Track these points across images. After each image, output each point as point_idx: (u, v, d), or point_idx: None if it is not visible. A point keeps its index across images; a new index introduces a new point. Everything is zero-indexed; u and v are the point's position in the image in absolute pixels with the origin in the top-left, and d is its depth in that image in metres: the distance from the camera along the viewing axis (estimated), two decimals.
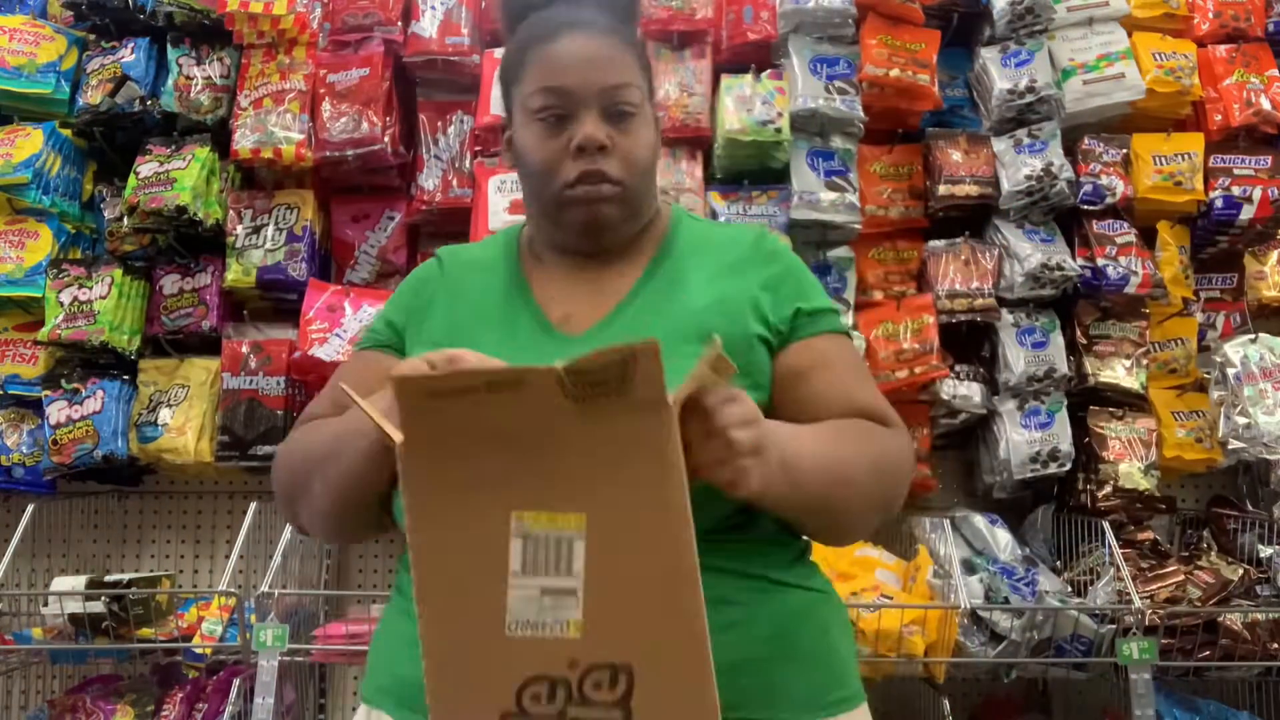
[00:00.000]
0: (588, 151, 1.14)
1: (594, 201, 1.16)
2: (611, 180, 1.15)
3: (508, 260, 1.26)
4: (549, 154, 1.16)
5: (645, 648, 0.84)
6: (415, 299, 1.26)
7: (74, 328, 2.47)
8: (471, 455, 0.85)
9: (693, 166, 2.51)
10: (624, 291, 1.19)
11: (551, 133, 1.16)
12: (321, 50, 2.60)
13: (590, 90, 1.15)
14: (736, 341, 1.09)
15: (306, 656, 2.22)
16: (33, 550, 2.53)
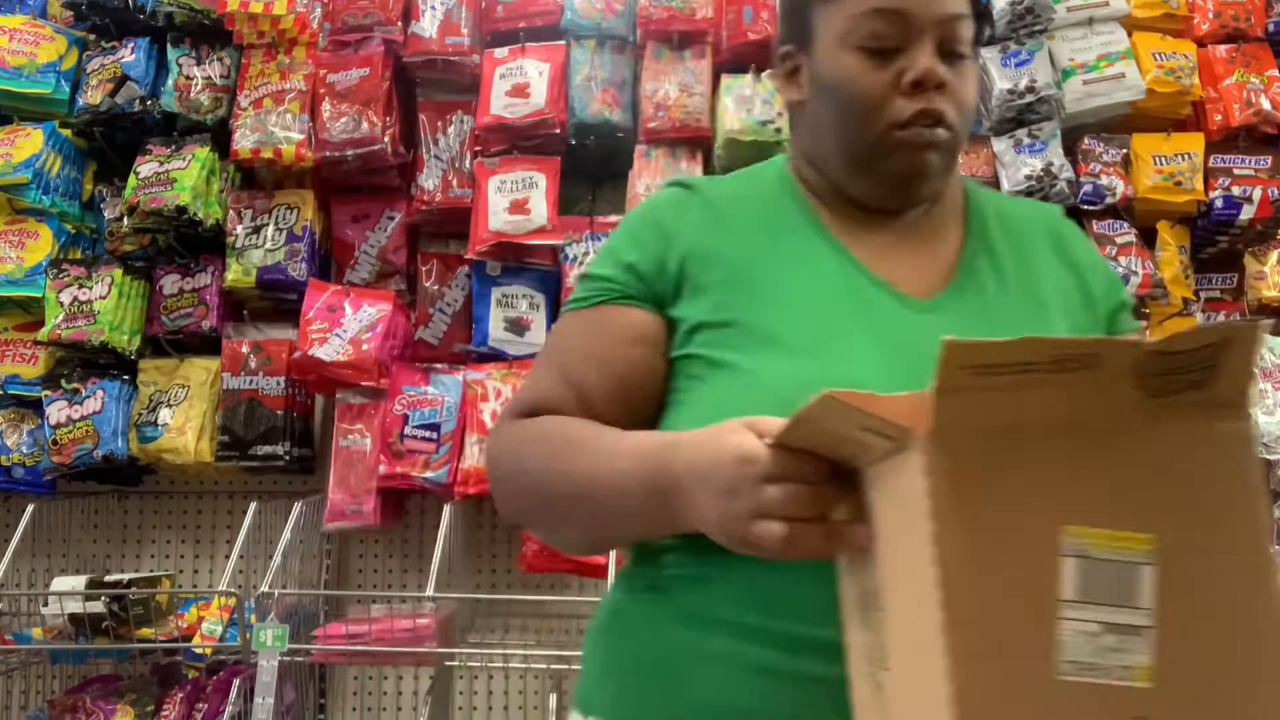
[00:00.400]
0: (925, 88, 0.98)
1: (924, 147, 0.99)
2: (946, 124, 0.99)
3: (792, 202, 1.07)
4: (876, 88, 0.99)
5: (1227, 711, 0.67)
6: (667, 234, 1.05)
7: (74, 328, 2.47)
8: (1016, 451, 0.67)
9: (693, 166, 2.51)
10: (950, 257, 1.05)
11: (878, 64, 0.99)
12: (321, 50, 2.61)
13: (930, 19, 0.98)
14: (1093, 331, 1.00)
15: (306, 657, 2.22)
16: (33, 550, 2.53)
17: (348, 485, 2.41)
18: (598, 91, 2.55)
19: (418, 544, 2.63)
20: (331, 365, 2.40)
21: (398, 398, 2.43)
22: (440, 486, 2.38)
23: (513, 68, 2.55)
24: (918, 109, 0.98)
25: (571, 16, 2.59)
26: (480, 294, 2.52)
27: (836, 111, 1.02)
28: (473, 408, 2.40)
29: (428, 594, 2.15)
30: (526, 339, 2.49)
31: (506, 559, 2.62)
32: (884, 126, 0.99)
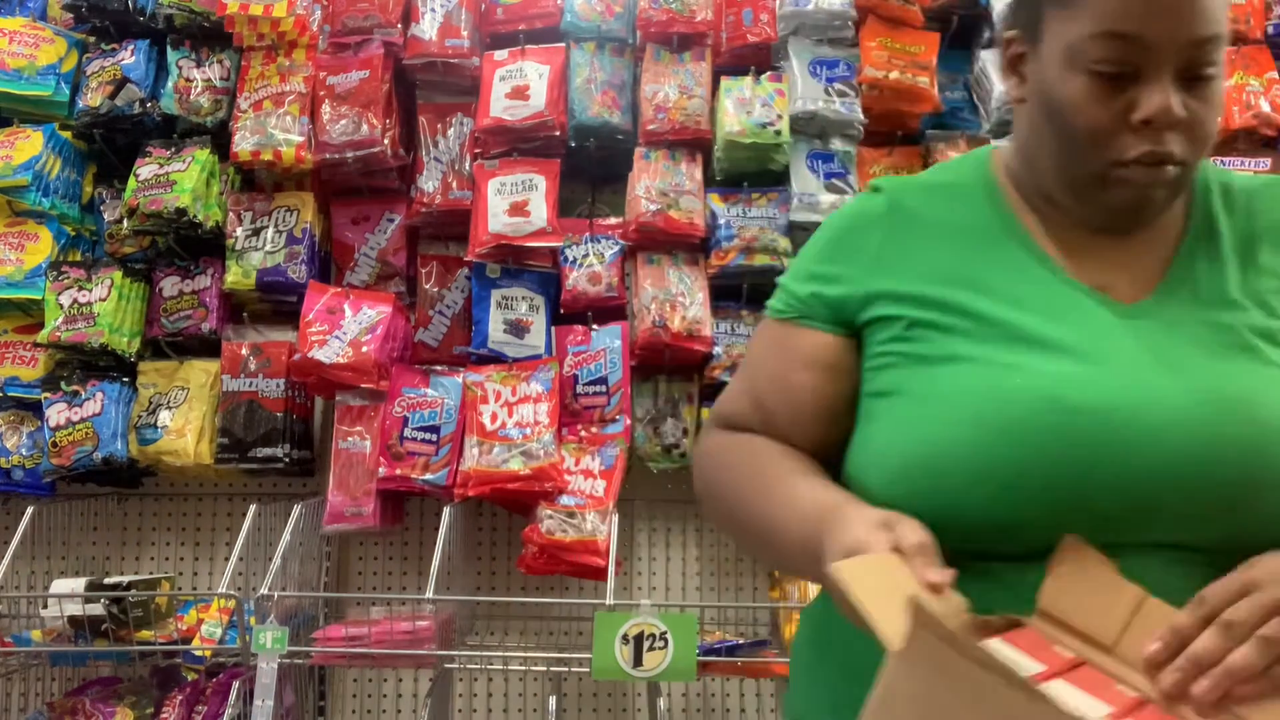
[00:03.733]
0: (1157, 127, 0.89)
1: (1149, 185, 0.92)
2: (1176, 161, 0.91)
3: (991, 203, 1.02)
4: (1102, 120, 0.90)
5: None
6: (857, 254, 1.03)
7: (74, 330, 2.47)
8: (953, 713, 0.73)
9: (692, 168, 2.51)
10: (1165, 252, 0.98)
11: (1108, 91, 0.90)
12: (321, 52, 2.61)
13: (1172, 45, 0.88)
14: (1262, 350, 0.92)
15: (306, 659, 2.22)
16: (32, 552, 2.53)
17: (347, 487, 2.41)
18: (597, 94, 2.55)
19: (417, 546, 2.63)
20: (331, 367, 2.40)
21: (397, 400, 2.43)
22: (440, 488, 2.38)
23: (512, 70, 2.55)
24: (1144, 150, 0.90)
25: (571, 19, 2.59)
26: (480, 296, 2.52)
27: (1056, 132, 0.95)
28: (472, 410, 2.40)
29: (427, 596, 2.15)
30: (526, 341, 2.49)
31: (506, 561, 2.62)
32: (1107, 161, 0.92)
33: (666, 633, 1.96)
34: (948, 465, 0.89)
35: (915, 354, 0.97)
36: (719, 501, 1.08)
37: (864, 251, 1.03)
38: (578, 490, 2.34)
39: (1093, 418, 0.86)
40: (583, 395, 2.46)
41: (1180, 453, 0.85)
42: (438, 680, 2.33)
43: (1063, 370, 0.89)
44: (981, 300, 0.95)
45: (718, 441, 1.09)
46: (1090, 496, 0.86)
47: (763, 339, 1.10)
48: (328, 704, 2.59)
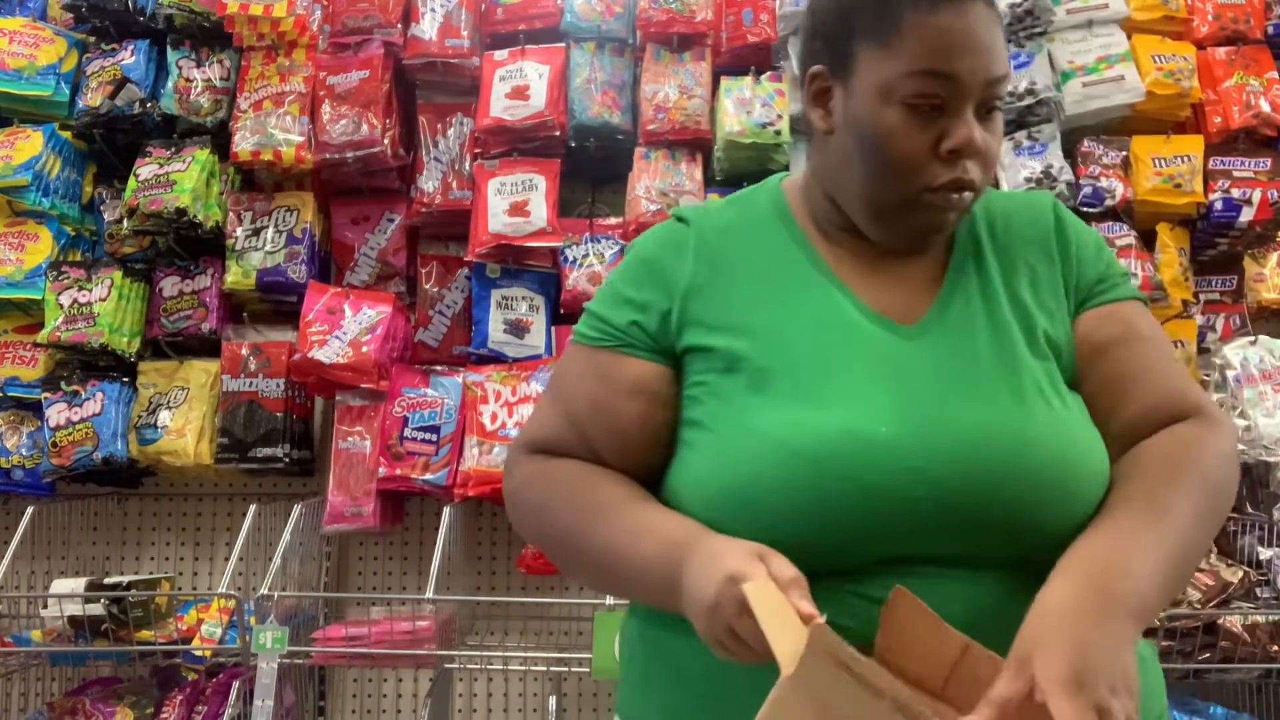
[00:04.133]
0: (962, 156, 0.97)
1: (949, 209, 1.00)
2: (974, 188, 0.99)
3: (787, 230, 1.08)
4: (914, 149, 0.97)
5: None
6: (671, 283, 1.06)
7: (74, 330, 2.47)
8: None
9: (692, 168, 2.51)
10: (936, 270, 1.06)
11: (919, 123, 0.97)
12: (321, 52, 2.61)
13: (977, 82, 0.97)
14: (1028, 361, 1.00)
15: (306, 659, 2.22)
16: (32, 552, 2.53)
17: (347, 487, 2.41)
18: (597, 94, 2.55)
19: (417, 546, 2.63)
20: (331, 367, 2.40)
21: (397, 400, 2.43)
22: (440, 489, 2.38)
23: (512, 70, 2.55)
24: (952, 177, 0.98)
25: (571, 19, 2.59)
26: (480, 296, 2.52)
27: (868, 161, 1.00)
28: (472, 410, 2.40)
29: (427, 596, 2.15)
30: (526, 341, 2.49)
31: (506, 561, 2.62)
32: (917, 188, 0.98)
33: None
34: (759, 494, 0.94)
35: (729, 388, 1.00)
36: (546, 528, 1.06)
37: (678, 280, 1.05)
38: None
39: (882, 450, 0.93)
40: None
41: (955, 481, 0.92)
42: (438, 680, 2.33)
43: (856, 406, 0.95)
44: (787, 335, 1.00)
45: (538, 468, 1.07)
46: (881, 520, 0.92)
47: (577, 366, 1.10)
48: (328, 704, 2.60)
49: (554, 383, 1.13)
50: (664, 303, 1.05)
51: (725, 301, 1.04)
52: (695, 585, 0.88)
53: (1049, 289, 1.05)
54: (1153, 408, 1.01)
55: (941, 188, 0.98)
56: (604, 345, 1.07)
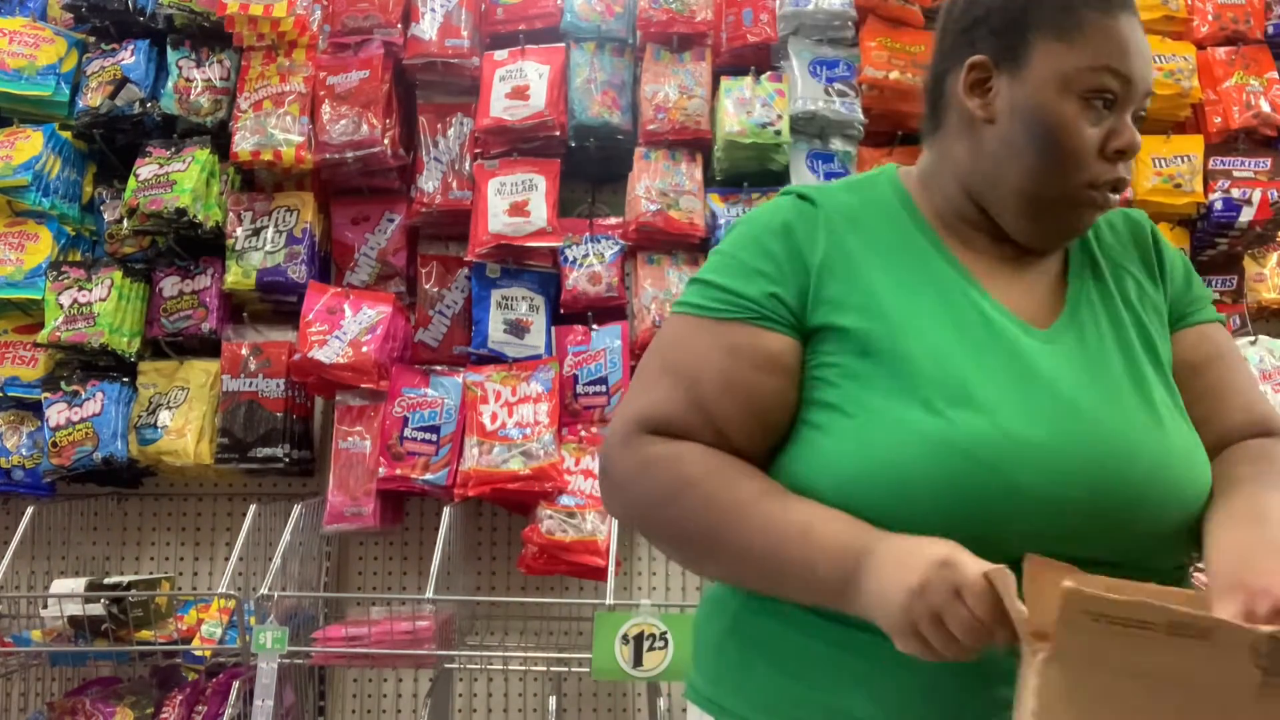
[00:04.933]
0: (1126, 158, 1.02)
1: (1100, 208, 1.03)
2: (1121, 191, 1.04)
3: (913, 221, 1.08)
4: (1085, 144, 1.00)
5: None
6: (804, 258, 1.03)
7: (74, 330, 2.47)
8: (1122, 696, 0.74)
9: (692, 168, 2.51)
10: (1056, 274, 1.08)
11: (1092, 120, 1.00)
12: (321, 53, 2.61)
13: (1142, 88, 1.02)
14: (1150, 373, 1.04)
15: (306, 659, 2.22)
16: (32, 552, 2.53)
17: (347, 487, 2.41)
18: (597, 94, 2.55)
19: (417, 546, 2.63)
20: (331, 367, 2.40)
21: (397, 400, 2.43)
22: (440, 489, 2.38)
23: (512, 70, 2.55)
24: (1114, 176, 1.01)
25: (571, 19, 2.59)
26: (480, 296, 2.52)
27: (1038, 150, 1.01)
28: (472, 410, 2.40)
29: (427, 596, 2.15)
30: (526, 341, 2.49)
31: (506, 561, 2.62)
32: (1080, 182, 1.01)
33: (666, 633, 1.96)
34: (908, 486, 0.93)
35: (867, 373, 0.99)
36: (676, 522, 1.00)
37: (813, 256, 1.03)
38: (578, 490, 2.34)
39: (1037, 453, 0.93)
40: (583, 395, 2.46)
41: (1103, 488, 0.94)
42: (438, 680, 2.33)
43: (1008, 406, 0.95)
44: (928, 328, 1.00)
45: (662, 453, 1.00)
46: (1028, 521, 0.93)
47: (700, 341, 1.03)
48: (328, 704, 2.60)
49: (665, 357, 1.05)
50: (800, 277, 1.02)
51: (858, 284, 1.02)
52: (890, 576, 0.86)
53: (1152, 305, 1.09)
54: (1242, 425, 1.06)
55: (1102, 185, 1.01)
56: (734, 317, 1.02)
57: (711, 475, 0.98)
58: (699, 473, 0.98)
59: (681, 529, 1.00)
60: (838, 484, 0.97)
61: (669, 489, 0.99)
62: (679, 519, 0.99)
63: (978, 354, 0.98)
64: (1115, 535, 0.95)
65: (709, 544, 0.98)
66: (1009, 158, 1.02)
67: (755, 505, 0.96)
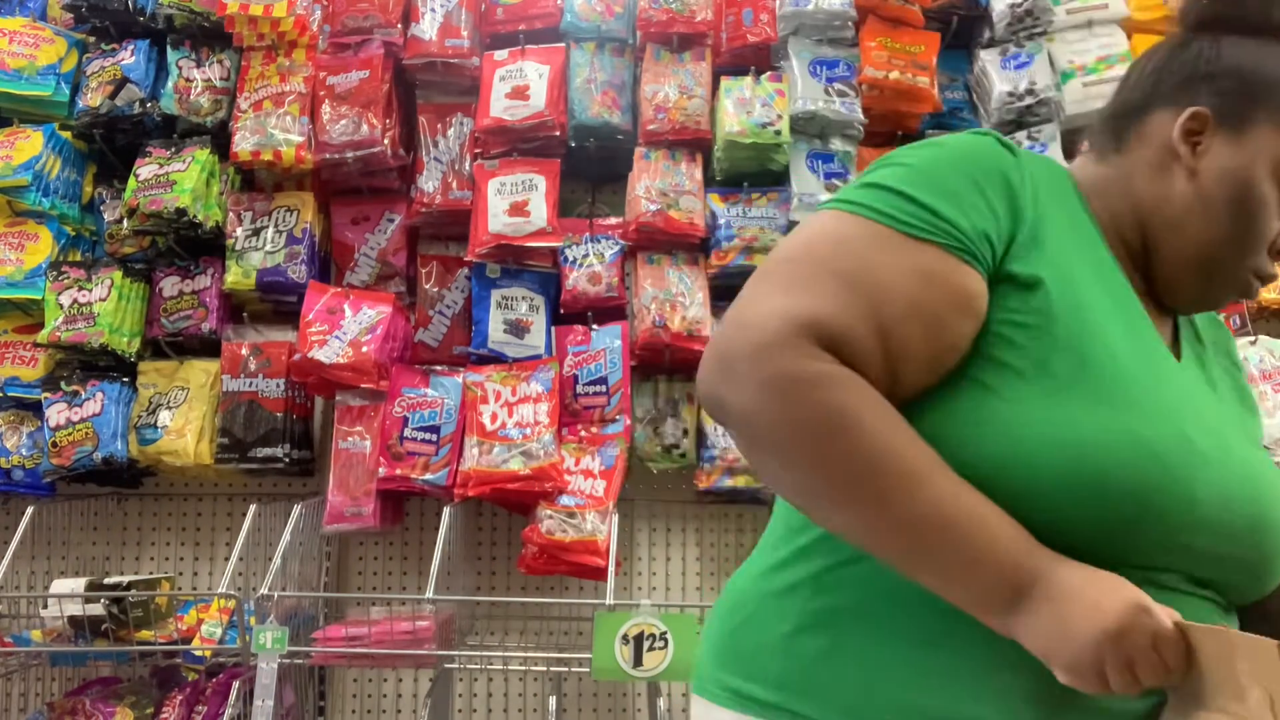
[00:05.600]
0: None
1: (1246, 295, 1.06)
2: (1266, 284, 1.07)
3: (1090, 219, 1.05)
4: (1268, 232, 1.01)
5: None
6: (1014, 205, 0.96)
7: (74, 330, 2.47)
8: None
9: (692, 168, 2.51)
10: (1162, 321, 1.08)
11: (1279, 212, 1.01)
12: (321, 53, 2.61)
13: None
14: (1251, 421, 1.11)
15: (306, 659, 2.22)
16: (32, 552, 2.53)
17: (347, 487, 2.41)
18: (597, 94, 2.55)
19: (417, 546, 2.63)
20: (331, 367, 2.40)
21: (397, 400, 2.43)
22: (440, 489, 2.38)
23: (512, 70, 2.55)
24: (1272, 272, 1.04)
25: (571, 19, 2.59)
26: (480, 296, 2.52)
27: (1230, 220, 1.00)
28: (472, 410, 2.40)
29: (427, 596, 2.15)
30: (526, 341, 2.49)
31: (506, 561, 2.62)
32: (1249, 265, 1.02)
33: (666, 633, 1.96)
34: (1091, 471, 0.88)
35: (1054, 345, 0.91)
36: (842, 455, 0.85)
37: (1026, 208, 0.96)
38: (578, 490, 2.34)
39: (1209, 471, 0.93)
40: (583, 395, 2.46)
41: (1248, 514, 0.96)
42: (438, 680, 2.33)
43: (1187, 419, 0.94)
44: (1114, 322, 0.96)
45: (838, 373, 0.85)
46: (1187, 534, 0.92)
47: (888, 255, 0.89)
48: (328, 704, 2.60)
49: (837, 260, 0.89)
50: (1011, 223, 0.94)
51: (1056, 252, 0.95)
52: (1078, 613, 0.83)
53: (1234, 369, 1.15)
54: None
55: (1263, 276, 1.04)
56: (936, 241, 0.90)
57: (889, 426, 0.86)
58: (875, 416, 0.85)
59: (839, 468, 0.85)
60: (1013, 454, 0.88)
61: (838, 419, 0.84)
62: (840, 457, 0.85)
63: (1154, 363, 0.98)
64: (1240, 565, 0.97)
65: (866, 497, 0.85)
66: (1201, 215, 1.01)
67: (931, 476, 0.86)
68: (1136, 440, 0.89)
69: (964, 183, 0.93)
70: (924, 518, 0.85)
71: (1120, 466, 0.88)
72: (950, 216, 0.91)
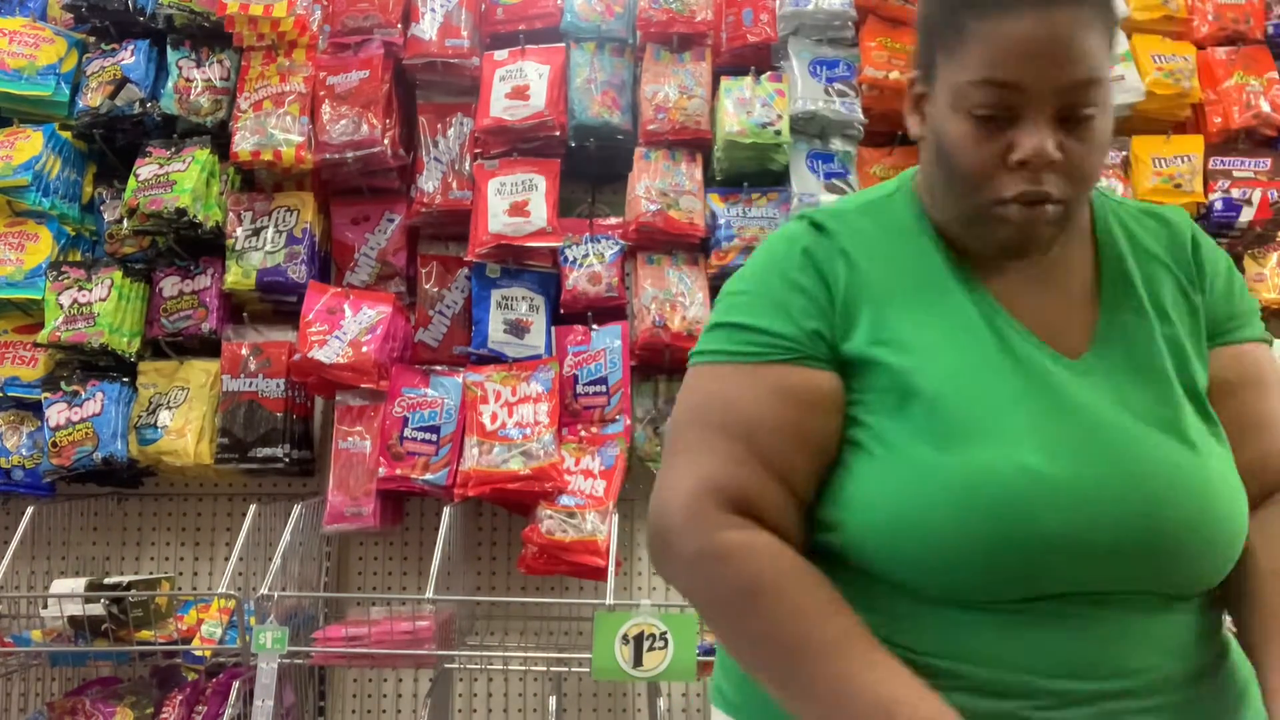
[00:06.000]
0: (1033, 168, 0.92)
1: (1029, 223, 0.94)
2: (1055, 200, 0.94)
3: (931, 241, 1.02)
4: (980, 161, 0.94)
5: None
6: (825, 291, 0.99)
7: (74, 330, 2.47)
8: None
9: (692, 169, 2.51)
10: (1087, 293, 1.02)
11: (987, 134, 0.93)
12: (321, 53, 2.61)
13: (1047, 89, 0.91)
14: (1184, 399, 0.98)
15: (306, 659, 2.22)
16: (32, 552, 2.53)
17: (347, 487, 2.40)
18: (597, 94, 2.55)
19: (417, 546, 2.63)
20: (331, 367, 2.40)
21: (397, 400, 2.43)
22: (440, 489, 2.38)
23: (512, 70, 2.55)
24: (1020, 190, 0.93)
25: (571, 19, 2.59)
26: (480, 296, 2.52)
27: (943, 171, 0.98)
28: (472, 410, 2.40)
29: (427, 596, 2.15)
30: (526, 341, 2.49)
31: (506, 561, 2.62)
32: (987, 200, 0.95)
33: (666, 633, 1.96)
34: (930, 533, 0.91)
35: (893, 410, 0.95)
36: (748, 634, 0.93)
37: (835, 287, 0.99)
38: (578, 490, 2.34)
39: (1061, 494, 0.90)
40: (583, 395, 2.46)
41: (1135, 527, 0.91)
42: (438, 680, 2.33)
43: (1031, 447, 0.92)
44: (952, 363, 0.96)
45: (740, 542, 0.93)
46: (1052, 563, 0.90)
47: (745, 391, 0.97)
48: (328, 704, 2.60)
49: (714, 414, 0.98)
50: (829, 308, 0.98)
51: (879, 316, 0.97)
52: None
53: (1190, 316, 1.03)
54: (1265, 456, 1.00)
55: (1012, 200, 0.93)
56: (778, 359, 0.97)
57: (801, 595, 0.91)
58: (786, 586, 0.91)
59: (748, 642, 0.93)
60: (862, 530, 0.94)
61: (745, 593, 0.92)
62: (751, 632, 0.92)
63: (1001, 387, 0.94)
64: (1144, 573, 0.92)
65: (774, 670, 0.92)
66: (933, 177, 1.01)
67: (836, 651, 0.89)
68: (956, 489, 0.90)
69: (785, 289, 0.99)
70: (821, 696, 0.88)
71: (945, 522, 0.90)
72: (781, 330, 0.98)
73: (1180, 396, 0.98)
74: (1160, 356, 0.99)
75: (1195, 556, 0.93)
